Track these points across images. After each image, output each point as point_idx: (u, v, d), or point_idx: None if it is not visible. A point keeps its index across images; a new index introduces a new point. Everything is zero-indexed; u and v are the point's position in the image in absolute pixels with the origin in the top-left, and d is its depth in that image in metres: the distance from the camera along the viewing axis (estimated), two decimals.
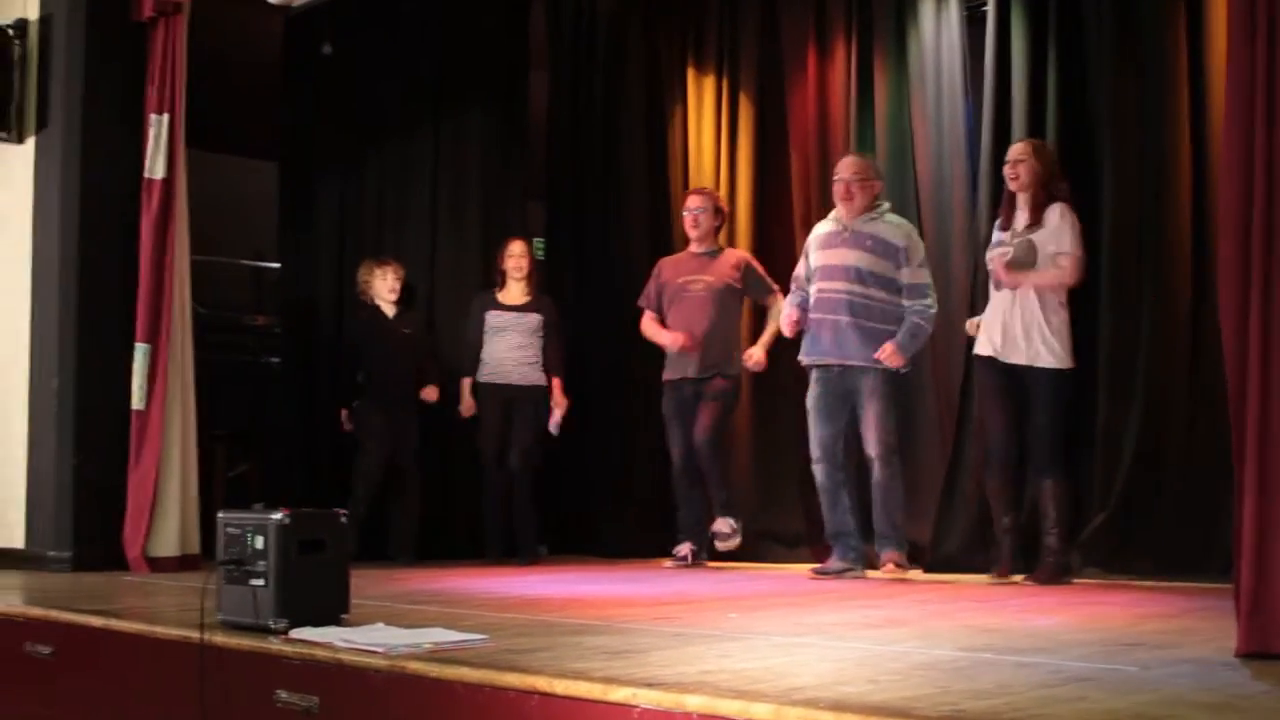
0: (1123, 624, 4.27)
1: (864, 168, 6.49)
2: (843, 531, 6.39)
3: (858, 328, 6.32)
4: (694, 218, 7.20)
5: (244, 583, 4.00)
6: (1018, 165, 6.03)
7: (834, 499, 6.40)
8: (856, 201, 6.42)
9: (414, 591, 5.42)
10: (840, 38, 7.46)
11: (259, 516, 4.02)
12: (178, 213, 6.76)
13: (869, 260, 6.35)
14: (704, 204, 7.22)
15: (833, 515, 6.42)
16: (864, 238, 6.38)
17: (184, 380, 6.72)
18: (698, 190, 7.43)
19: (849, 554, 6.36)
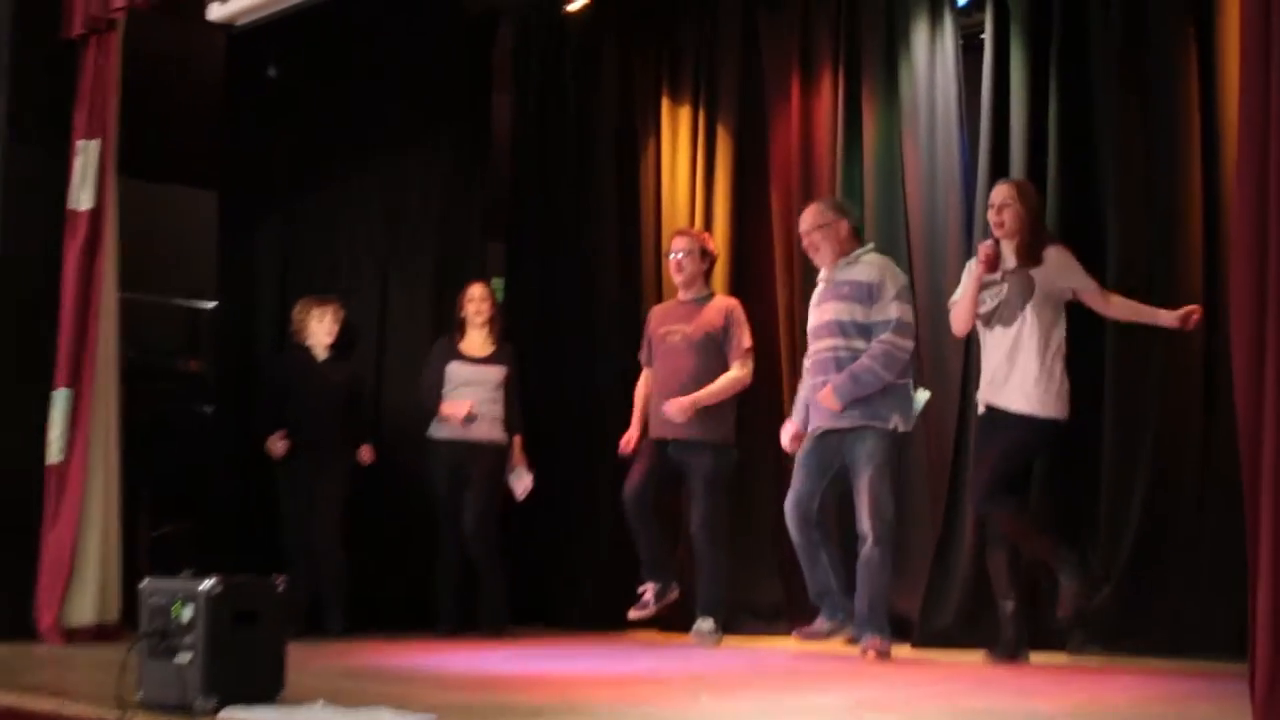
0: (1126, 706, 4.30)
1: (819, 213, 6.47)
2: (827, 590, 6.37)
3: None
4: (677, 262, 7.14)
5: (169, 657, 3.97)
6: (1003, 210, 5.99)
7: (812, 558, 6.38)
8: (824, 251, 6.42)
9: (355, 668, 5.38)
10: (826, 66, 7.52)
11: (187, 584, 4.00)
12: (106, 247, 6.75)
13: (847, 309, 6.31)
14: (689, 246, 7.15)
15: (814, 575, 6.40)
16: (840, 286, 6.36)
17: (108, 430, 6.68)
18: (683, 231, 7.38)
19: (837, 614, 6.33)
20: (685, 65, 8.17)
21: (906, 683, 5.09)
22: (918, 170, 7.08)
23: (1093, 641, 6.12)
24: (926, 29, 7.13)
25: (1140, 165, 6.31)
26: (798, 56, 7.62)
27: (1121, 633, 6.06)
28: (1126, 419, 6.19)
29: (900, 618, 6.79)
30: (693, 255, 7.14)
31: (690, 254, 7.14)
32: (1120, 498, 6.15)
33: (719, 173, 7.95)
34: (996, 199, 6.05)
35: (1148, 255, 6.26)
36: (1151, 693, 4.71)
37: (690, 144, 8.09)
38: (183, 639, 3.96)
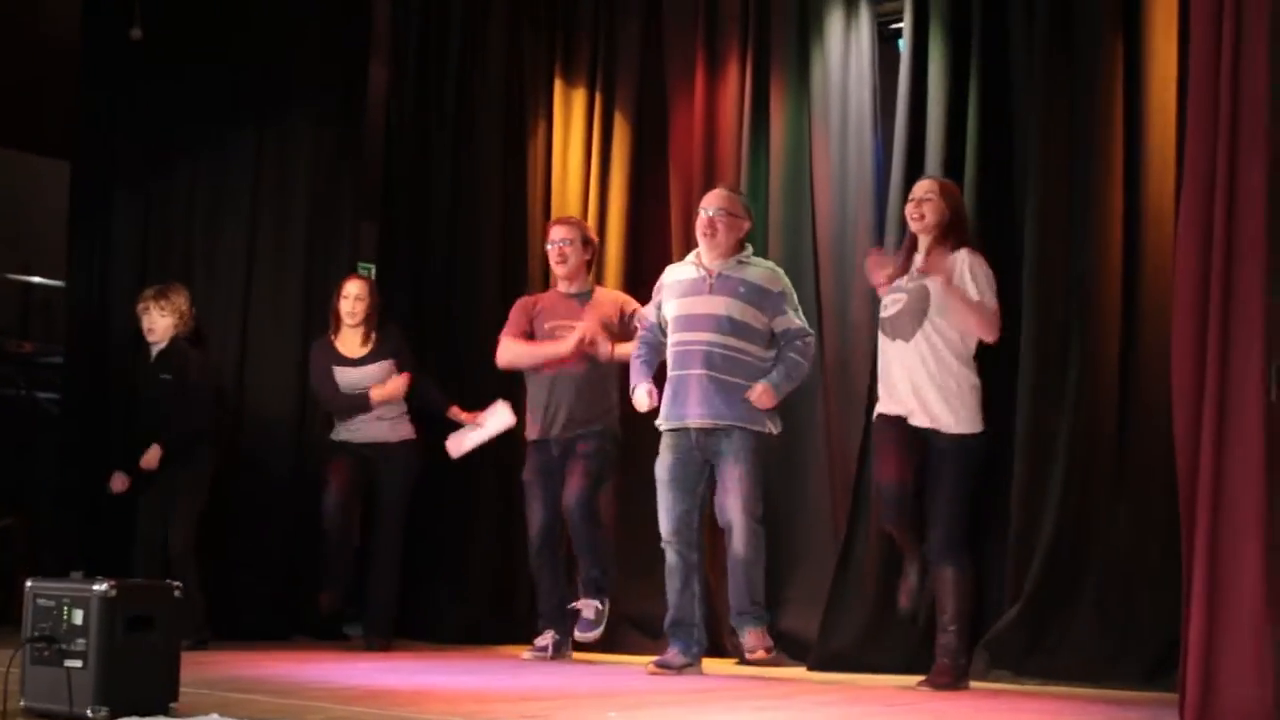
0: None
1: (733, 202, 6.70)
2: (686, 621, 6.56)
3: (723, 384, 6.49)
4: (560, 250, 7.30)
5: (57, 664, 4.08)
6: (923, 204, 6.24)
7: (684, 583, 6.58)
8: (720, 239, 6.61)
9: (241, 678, 5.51)
10: (733, 53, 7.69)
11: (78, 586, 4.11)
12: None
13: (739, 309, 6.54)
14: (571, 235, 7.31)
15: (679, 601, 6.59)
16: (734, 283, 6.58)
17: None
18: (563, 220, 7.54)
19: (691, 648, 6.53)
20: (581, 44, 8.30)
21: (818, 705, 5.33)
22: (827, 165, 7.28)
23: (998, 665, 6.34)
24: (841, 16, 7.31)
25: (1062, 164, 6.49)
26: (702, 40, 7.78)
27: (1029, 656, 6.27)
28: (1038, 434, 6.38)
29: (795, 637, 7.05)
30: (575, 245, 7.30)
31: (572, 243, 7.30)
32: (1030, 517, 6.34)
33: (615, 160, 8.09)
34: (918, 192, 6.30)
35: (1067, 258, 6.44)
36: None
37: (585, 128, 8.22)
38: (73, 644, 4.07)
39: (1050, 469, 6.38)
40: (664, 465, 6.62)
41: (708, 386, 6.51)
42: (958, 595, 6.10)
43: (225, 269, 8.15)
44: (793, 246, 7.31)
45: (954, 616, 6.09)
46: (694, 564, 6.58)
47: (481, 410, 7.63)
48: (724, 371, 6.51)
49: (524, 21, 8.57)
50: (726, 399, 6.49)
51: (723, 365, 6.51)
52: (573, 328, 7.18)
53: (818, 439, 7.21)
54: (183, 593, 7.06)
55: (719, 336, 6.53)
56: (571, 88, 8.34)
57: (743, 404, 6.47)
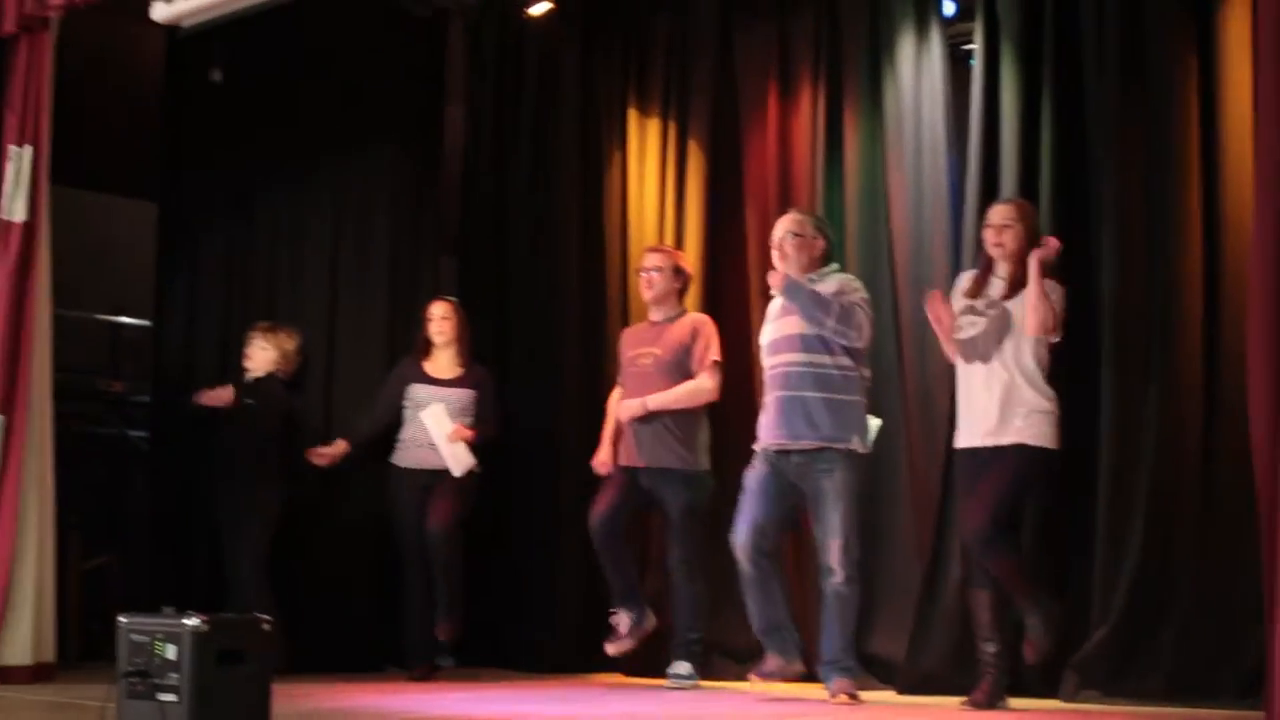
0: None
1: (800, 224, 6.72)
2: (778, 625, 6.57)
3: (811, 401, 6.50)
4: (648, 278, 7.37)
5: (151, 698, 4.17)
6: (1003, 232, 6.21)
7: (764, 589, 6.57)
8: (790, 261, 6.63)
9: (326, 710, 5.58)
10: (806, 79, 7.73)
11: (171, 622, 4.19)
12: (39, 261, 6.93)
13: (806, 325, 6.54)
14: (661, 263, 7.38)
15: (764, 608, 6.59)
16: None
17: (42, 457, 6.86)
18: (656, 248, 7.60)
19: (789, 650, 6.54)
20: (655, 73, 8.35)
21: None
22: (903, 190, 7.30)
23: (1086, 686, 6.32)
24: (913, 40, 7.33)
25: (1138, 180, 6.49)
26: (775, 67, 7.82)
27: (1117, 677, 6.26)
28: (1123, 455, 6.37)
29: (884, 661, 7.05)
30: (664, 273, 7.38)
31: (662, 271, 7.37)
32: (1116, 537, 6.33)
33: (690, 190, 8.13)
34: (997, 219, 6.26)
35: (1146, 280, 6.44)
36: None
37: (659, 158, 8.27)
38: (166, 678, 4.15)
39: (1135, 489, 6.37)
40: (753, 475, 6.65)
41: (792, 407, 6.53)
42: (994, 610, 6.10)
43: (308, 306, 8.26)
44: (870, 270, 7.30)
45: (989, 627, 6.09)
46: (768, 571, 6.57)
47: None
48: (807, 389, 6.52)
49: (598, 54, 8.63)
50: (816, 418, 6.49)
51: (805, 383, 6.52)
52: (649, 354, 7.28)
53: (901, 463, 7.20)
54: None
55: (795, 355, 6.55)
56: (646, 118, 8.39)
57: (822, 422, 6.47)
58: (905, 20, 7.39)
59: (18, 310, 6.83)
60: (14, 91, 6.99)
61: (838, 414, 6.49)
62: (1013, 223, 6.22)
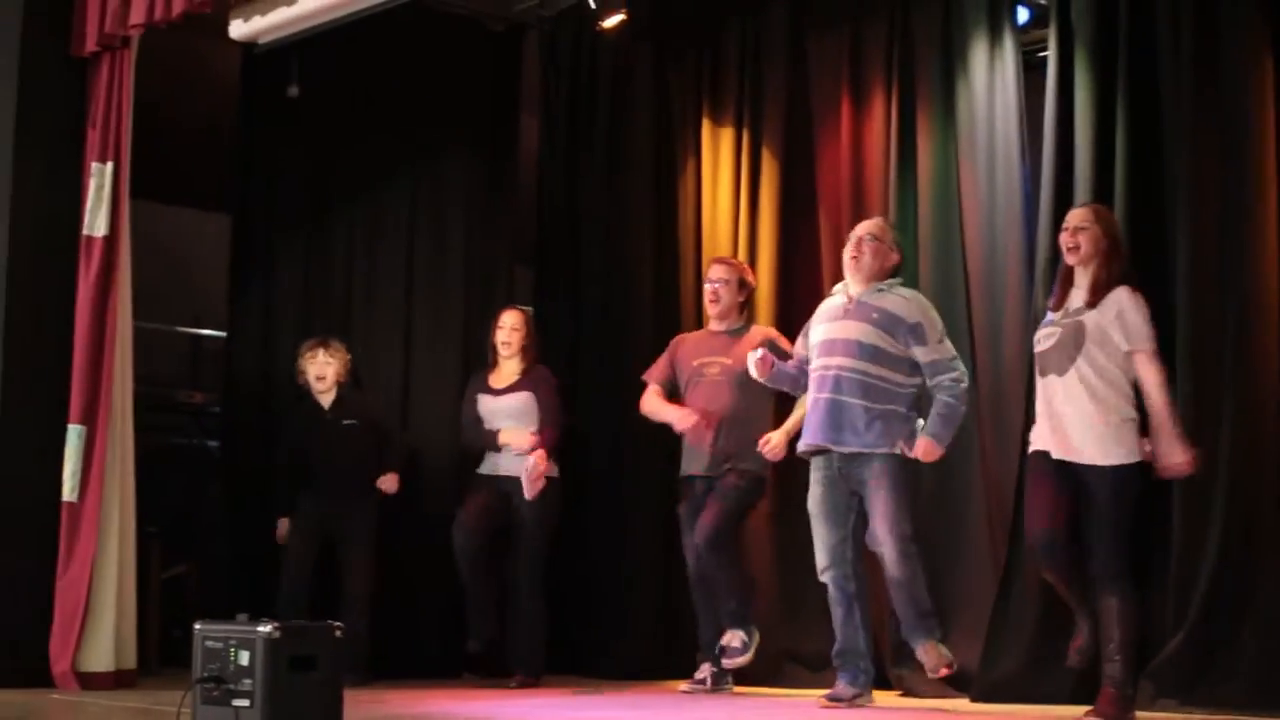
0: None
1: (883, 230, 6.74)
2: (852, 650, 6.60)
3: (859, 409, 6.52)
4: (714, 291, 7.42)
5: (225, 703, 4.24)
6: (1078, 234, 6.14)
7: (846, 612, 6.62)
8: (864, 263, 6.64)
9: (399, 715, 5.65)
10: (879, 87, 7.74)
11: (244, 628, 4.26)
12: (120, 275, 7.04)
13: (873, 335, 6.55)
14: (727, 275, 7.42)
15: (843, 630, 6.64)
16: (869, 309, 6.60)
17: (123, 468, 6.96)
18: (721, 260, 7.63)
19: (859, 678, 6.55)
20: (727, 84, 8.39)
21: None
22: (976, 199, 7.30)
23: (1163, 695, 6.27)
24: (985, 48, 7.33)
25: (1214, 186, 6.44)
26: (848, 76, 7.84)
27: (1194, 685, 6.20)
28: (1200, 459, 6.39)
29: (959, 670, 7.03)
30: (730, 285, 7.42)
31: (728, 284, 7.41)
32: (1193, 542, 6.29)
33: (763, 200, 8.15)
34: (1073, 221, 6.20)
35: (1221, 281, 6.40)
36: None
37: (733, 168, 8.31)
38: (240, 684, 4.22)
39: (1212, 494, 6.31)
40: (813, 499, 6.67)
41: (838, 411, 6.55)
42: (1122, 624, 5.99)
43: (384, 315, 8.36)
44: (943, 278, 7.32)
45: (1120, 646, 5.99)
46: (852, 593, 6.61)
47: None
48: (856, 396, 6.53)
49: (670, 64, 8.69)
50: (864, 424, 6.51)
51: (854, 390, 6.53)
52: (718, 364, 7.31)
53: (974, 469, 7.20)
54: (351, 634, 7.37)
55: (851, 361, 6.56)
56: (719, 126, 8.42)
57: (873, 430, 6.49)
58: (978, 27, 7.38)
59: (100, 323, 6.95)
60: (96, 109, 7.11)
61: (882, 423, 6.50)
62: (1089, 224, 6.16)
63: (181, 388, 9.78)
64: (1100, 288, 6.09)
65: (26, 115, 7.08)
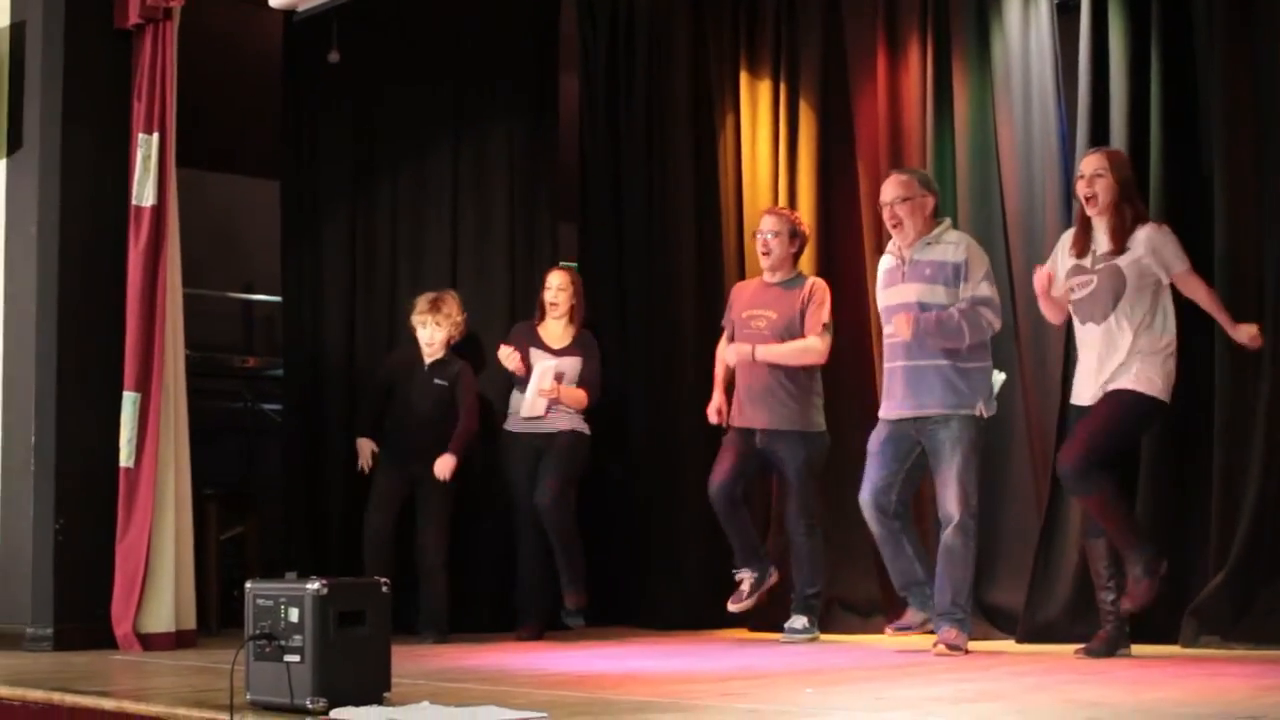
0: (1243, 696, 4.60)
1: (907, 185, 6.75)
2: (914, 581, 6.70)
3: (924, 371, 6.59)
4: (764, 242, 7.43)
5: (277, 659, 4.35)
6: (1095, 181, 6.22)
7: (895, 548, 6.72)
8: (907, 226, 6.69)
9: (451, 669, 5.78)
10: (914, 36, 7.77)
11: (293, 586, 4.37)
12: (169, 243, 7.15)
13: (928, 291, 6.61)
14: (779, 226, 7.44)
15: (897, 565, 6.74)
16: (922, 267, 6.66)
17: (177, 433, 7.10)
18: (773, 210, 7.67)
19: (928, 603, 6.64)
20: (764, 37, 8.43)
21: (1014, 675, 5.43)
22: (1012, 144, 7.34)
23: (1206, 632, 6.37)
24: None
25: (1249, 137, 6.50)
26: (883, 24, 7.87)
27: (1237, 622, 6.32)
28: (1238, 402, 6.42)
29: (1004, 611, 7.14)
30: (781, 237, 7.44)
31: (779, 235, 7.44)
32: (1233, 482, 6.39)
33: (802, 149, 8.21)
34: (1088, 169, 6.28)
35: (1257, 233, 6.47)
36: (1271, 681, 5.00)
37: (771, 119, 8.36)
38: (290, 640, 4.35)
39: (1250, 434, 6.40)
40: (876, 438, 6.76)
41: (911, 376, 6.62)
42: (1110, 560, 6.20)
43: (430, 275, 8.43)
44: (982, 222, 7.37)
45: (1108, 578, 6.19)
46: (895, 530, 6.70)
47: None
48: (925, 358, 6.59)
49: (708, 18, 8.73)
50: (937, 386, 6.57)
51: (921, 353, 6.59)
52: (764, 318, 7.38)
53: (1017, 415, 7.26)
54: (432, 596, 7.55)
55: None
56: (757, 80, 8.47)
57: (947, 390, 6.54)
58: None
59: (150, 291, 7.06)
60: (140, 81, 7.20)
61: (960, 381, 6.56)
62: (1105, 172, 6.24)
63: (235, 353, 9.93)
64: (1123, 232, 6.17)
65: (73, 89, 7.18)
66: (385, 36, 8.48)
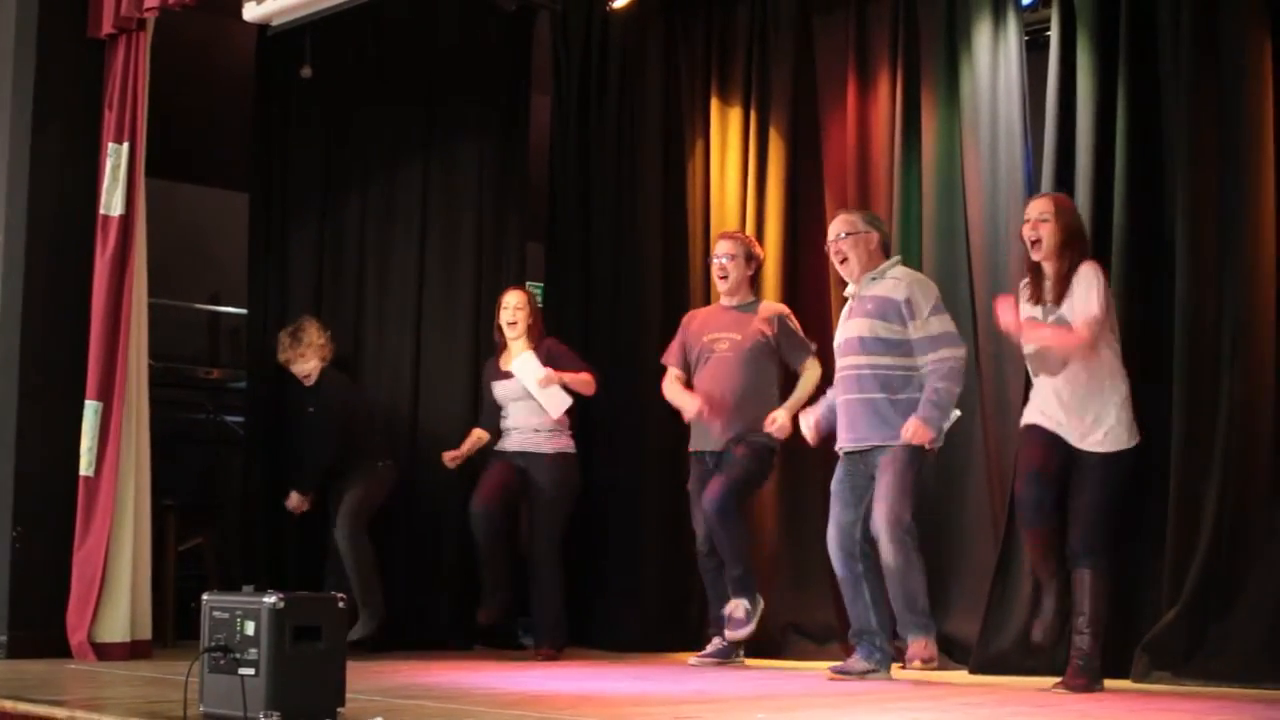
0: None
1: (850, 222, 6.81)
2: (866, 630, 6.69)
3: (868, 404, 6.62)
4: (721, 266, 7.49)
5: (231, 672, 4.36)
6: (1039, 226, 6.24)
7: (854, 592, 6.72)
8: (851, 262, 6.75)
9: (405, 685, 5.78)
10: (883, 67, 7.83)
11: (250, 599, 4.38)
12: (136, 253, 7.15)
13: (869, 325, 6.64)
14: (734, 250, 7.49)
15: (853, 609, 6.75)
16: (865, 302, 6.70)
17: (139, 443, 7.09)
18: (728, 234, 7.71)
19: (874, 655, 6.63)
20: (735, 64, 8.49)
21: (966, 706, 5.44)
22: (979, 178, 7.38)
23: (1158, 668, 6.39)
24: (989, 28, 7.41)
25: (1212, 169, 6.54)
26: (853, 56, 7.93)
27: (1188, 658, 6.33)
28: (1194, 441, 6.43)
29: (958, 641, 7.16)
30: (738, 260, 7.49)
31: (735, 258, 7.48)
32: (1188, 522, 6.40)
33: (771, 177, 8.26)
34: (1033, 213, 6.31)
35: (1219, 268, 6.49)
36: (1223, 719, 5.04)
37: (741, 147, 8.42)
38: (245, 653, 4.35)
39: (1207, 475, 6.42)
40: (837, 479, 6.79)
41: (856, 410, 6.66)
42: (1093, 597, 6.15)
43: (397, 292, 8.46)
44: (946, 256, 7.43)
45: (1089, 620, 6.15)
46: (859, 574, 6.70)
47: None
48: (869, 391, 6.63)
49: (680, 44, 8.80)
50: (870, 420, 6.60)
51: (866, 386, 6.63)
52: (727, 340, 7.39)
53: (975, 447, 7.30)
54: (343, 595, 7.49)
55: (858, 358, 6.67)
56: (728, 106, 8.53)
57: (887, 423, 6.57)
58: (982, 7, 7.46)
59: (115, 301, 7.07)
60: (112, 90, 7.22)
61: (890, 411, 6.58)
62: (1050, 217, 6.26)
63: (200, 364, 9.90)
64: (1063, 280, 6.21)
65: (44, 96, 7.20)
66: (358, 52, 8.51)
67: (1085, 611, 6.14)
